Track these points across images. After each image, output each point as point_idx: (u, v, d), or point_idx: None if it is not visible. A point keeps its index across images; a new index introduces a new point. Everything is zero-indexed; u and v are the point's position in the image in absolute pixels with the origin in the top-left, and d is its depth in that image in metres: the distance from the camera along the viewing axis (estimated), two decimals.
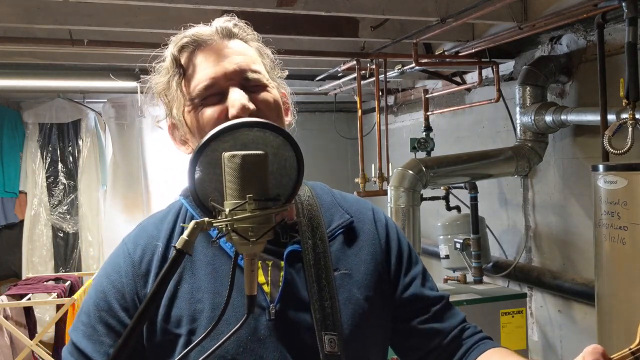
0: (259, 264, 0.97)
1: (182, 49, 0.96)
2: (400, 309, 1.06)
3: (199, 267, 0.97)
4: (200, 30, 0.97)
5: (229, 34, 0.98)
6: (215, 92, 0.94)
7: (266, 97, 0.97)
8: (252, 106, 0.93)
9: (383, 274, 1.05)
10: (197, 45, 0.96)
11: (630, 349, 0.77)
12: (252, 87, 0.96)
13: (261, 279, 0.97)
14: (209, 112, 0.94)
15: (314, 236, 0.99)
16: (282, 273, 0.97)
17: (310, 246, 0.98)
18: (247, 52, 0.99)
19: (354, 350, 0.97)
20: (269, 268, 0.96)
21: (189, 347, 0.82)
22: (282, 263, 0.97)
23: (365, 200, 1.16)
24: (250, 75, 0.96)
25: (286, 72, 1.06)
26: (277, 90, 1.01)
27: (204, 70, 0.95)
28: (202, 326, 0.93)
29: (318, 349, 0.94)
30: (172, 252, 0.77)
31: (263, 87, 0.97)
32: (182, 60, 0.96)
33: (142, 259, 0.99)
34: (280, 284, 0.96)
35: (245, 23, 1.01)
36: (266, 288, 0.95)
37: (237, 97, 0.93)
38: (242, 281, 0.94)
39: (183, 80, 0.96)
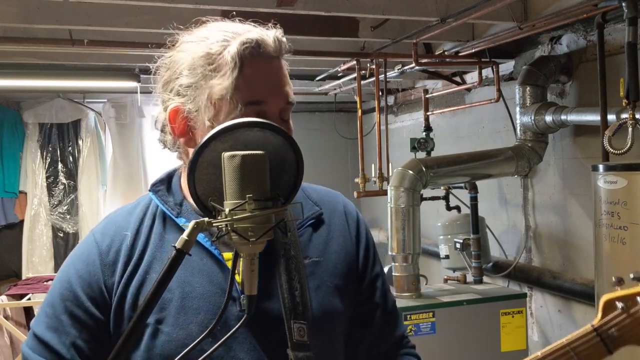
0: (231, 255, 0.96)
1: (245, 45, 0.93)
2: (361, 304, 1.08)
3: (169, 256, 0.97)
4: (264, 36, 0.95)
5: (281, 52, 0.97)
6: (259, 110, 0.94)
7: (291, 128, 0.99)
8: None
9: (352, 265, 1.07)
10: (258, 50, 0.94)
11: (592, 325, 0.76)
12: (284, 115, 0.98)
13: None
14: None
15: (284, 228, 0.99)
16: None
17: (279, 236, 0.99)
18: (288, 76, 1.00)
19: (323, 338, 0.98)
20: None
21: (189, 347, 0.81)
22: None
23: (336, 192, 1.17)
24: (289, 106, 0.98)
25: None
26: None
27: (263, 85, 0.94)
28: (171, 315, 0.93)
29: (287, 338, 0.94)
30: (172, 252, 0.78)
31: (289, 118, 1.00)
32: (243, 57, 0.93)
33: (110, 248, 0.98)
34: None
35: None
36: (238, 278, 0.95)
37: None
38: (215, 270, 0.95)
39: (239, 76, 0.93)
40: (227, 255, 0.98)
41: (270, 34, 0.95)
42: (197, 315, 0.92)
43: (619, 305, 0.75)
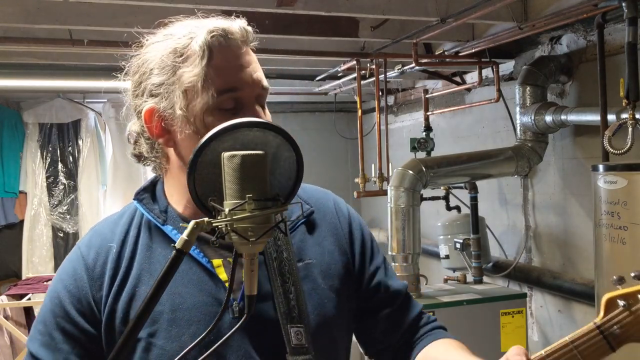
0: (220, 262, 0.96)
1: (212, 34, 0.92)
2: (367, 299, 1.07)
3: (157, 267, 0.95)
4: (230, 26, 0.94)
5: (248, 40, 0.96)
6: (235, 97, 0.93)
7: (269, 115, 0.98)
8: None
9: (348, 264, 1.05)
10: (226, 37, 0.93)
11: (595, 323, 0.77)
12: (261, 101, 0.97)
13: (223, 276, 0.95)
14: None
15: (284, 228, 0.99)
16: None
17: (271, 239, 0.97)
18: (258, 62, 0.98)
19: (321, 341, 0.96)
20: (231, 264, 0.95)
21: (185, 351, 0.80)
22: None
23: (326, 190, 1.15)
24: (264, 92, 0.97)
25: None
26: None
27: (235, 73, 0.93)
28: (163, 328, 0.92)
29: (284, 344, 0.92)
30: (172, 252, 0.77)
31: (264, 104, 0.98)
32: (211, 45, 0.92)
33: (95, 262, 0.97)
34: (243, 280, 0.95)
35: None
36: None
37: (262, 117, 0.94)
38: (204, 279, 0.94)
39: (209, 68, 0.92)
40: (216, 262, 0.96)
41: (235, 24, 0.95)
42: (190, 327, 0.91)
43: (621, 303, 0.76)
